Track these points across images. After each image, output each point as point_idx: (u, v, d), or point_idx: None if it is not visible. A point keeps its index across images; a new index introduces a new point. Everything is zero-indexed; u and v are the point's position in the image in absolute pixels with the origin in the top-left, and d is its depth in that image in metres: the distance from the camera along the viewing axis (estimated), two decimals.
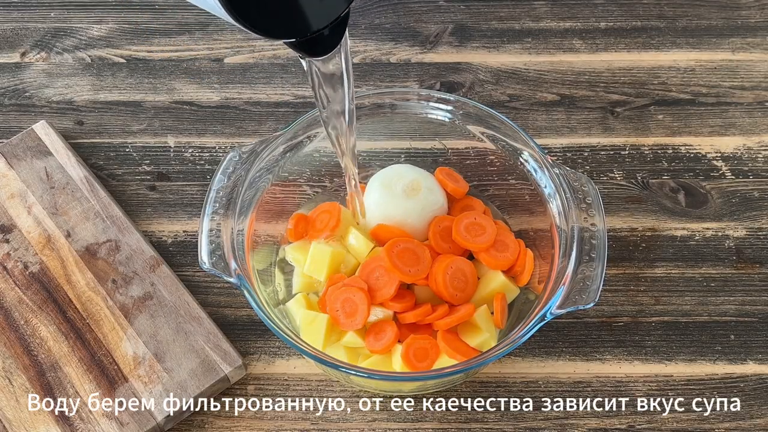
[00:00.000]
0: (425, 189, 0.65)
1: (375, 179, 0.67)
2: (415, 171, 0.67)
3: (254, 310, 0.57)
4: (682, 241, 0.73)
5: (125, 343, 0.65)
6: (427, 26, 0.88)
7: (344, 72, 0.52)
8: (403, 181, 0.66)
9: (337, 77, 0.53)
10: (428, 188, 0.66)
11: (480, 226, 0.64)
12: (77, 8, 0.89)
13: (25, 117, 0.81)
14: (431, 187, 0.66)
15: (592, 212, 0.61)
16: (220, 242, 0.59)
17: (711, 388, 0.65)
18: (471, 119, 0.67)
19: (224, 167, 0.63)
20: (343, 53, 0.51)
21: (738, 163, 0.77)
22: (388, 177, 0.66)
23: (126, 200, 0.75)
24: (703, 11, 0.88)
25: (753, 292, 0.70)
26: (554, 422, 0.64)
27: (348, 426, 0.64)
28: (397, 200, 0.65)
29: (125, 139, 0.80)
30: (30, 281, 0.68)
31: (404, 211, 0.64)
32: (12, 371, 0.64)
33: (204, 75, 0.84)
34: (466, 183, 0.69)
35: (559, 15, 0.88)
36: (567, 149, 0.78)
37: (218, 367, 0.64)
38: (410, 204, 0.65)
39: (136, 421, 0.62)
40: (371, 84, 0.83)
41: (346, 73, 0.52)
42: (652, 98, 0.82)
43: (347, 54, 0.51)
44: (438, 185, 0.67)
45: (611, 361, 0.67)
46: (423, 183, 0.66)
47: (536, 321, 0.56)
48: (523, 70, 0.84)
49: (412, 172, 0.67)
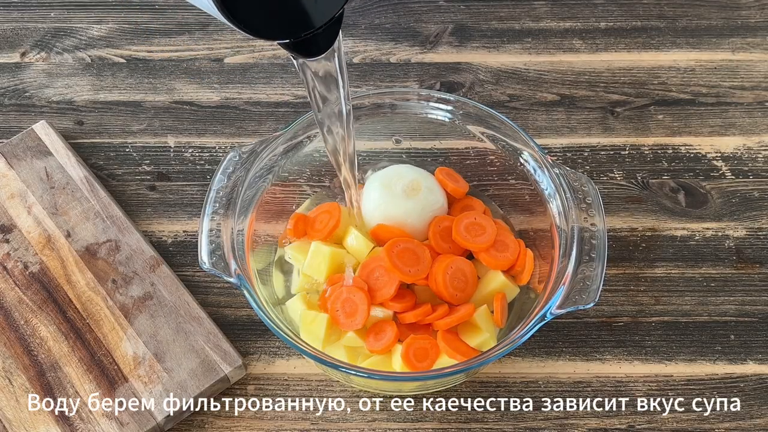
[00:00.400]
0: (425, 189, 0.65)
1: (374, 179, 0.67)
2: (415, 171, 0.67)
3: (254, 310, 0.57)
4: (682, 241, 0.73)
5: (125, 343, 0.65)
6: (427, 26, 0.88)
7: (339, 72, 0.52)
8: (403, 181, 0.66)
9: (332, 78, 0.52)
10: (428, 188, 0.66)
11: (480, 226, 0.64)
12: (77, 8, 0.89)
13: (25, 117, 0.81)
14: (431, 186, 0.66)
15: (592, 212, 0.61)
16: (220, 242, 0.59)
17: (711, 388, 0.65)
18: (471, 119, 0.67)
19: (224, 167, 0.63)
20: (336, 54, 0.50)
21: (738, 163, 0.77)
22: (387, 177, 0.66)
23: (126, 200, 0.75)
24: (703, 11, 0.88)
25: (753, 292, 0.70)
26: (554, 422, 0.64)
27: (348, 426, 0.64)
28: (397, 200, 0.65)
29: (125, 139, 0.80)
30: (30, 281, 0.68)
31: (404, 211, 0.64)
32: (12, 371, 0.64)
33: (204, 75, 0.84)
34: (466, 183, 0.69)
35: (559, 15, 0.88)
36: (567, 149, 0.78)
37: (218, 367, 0.64)
38: (410, 204, 0.65)
39: (136, 421, 0.62)
40: (371, 84, 0.83)
41: (340, 73, 0.52)
42: (652, 98, 0.82)
43: (341, 54, 0.51)
44: (438, 185, 0.67)
45: (611, 361, 0.67)
46: (423, 183, 0.66)
47: (536, 321, 0.56)
48: (523, 70, 0.84)
49: (411, 172, 0.67)
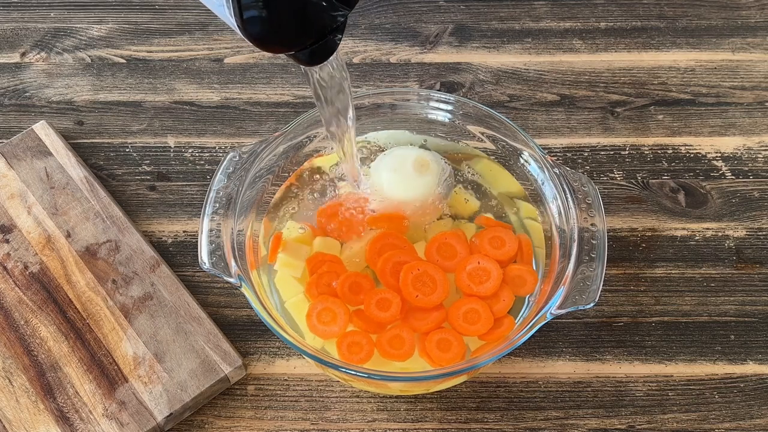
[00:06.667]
0: (432, 161, 0.65)
1: (381, 168, 0.66)
2: (412, 149, 0.67)
3: (254, 310, 0.57)
4: (682, 241, 0.73)
5: (125, 344, 0.65)
6: (427, 26, 0.88)
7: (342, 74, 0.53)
8: (409, 161, 0.65)
9: (337, 81, 0.53)
10: (433, 160, 0.66)
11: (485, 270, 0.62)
12: (77, 8, 0.89)
13: (25, 117, 0.81)
14: (433, 157, 0.66)
15: (592, 212, 0.61)
16: (220, 242, 0.59)
17: (711, 388, 0.65)
18: (471, 119, 0.67)
19: (224, 167, 0.63)
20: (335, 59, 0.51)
21: (738, 163, 0.77)
22: (393, 162, 0.66)
23: (126, 200, 0.75)
24: (703, 11, 0.88)
25: (753, 292, 0.70)
26: (554, 422, 0.64)
27: (348, 426, 0.64)
28: (411, 181, 0.65)
29: (125, 139, 0.80)
30: (30, 281, 0.68)
31: (424, 188, 0.64)
32: (12, 371, 0.64)
33: (204, 75, 0.84)
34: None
35: (559, 15, 0.88)
36: (567, 149, 0.78)
37: (218, 367, 0.64)
38: (427, 179, 0.64)
39: (136, 421, 0.62)
40: (371, 84, 0.83)
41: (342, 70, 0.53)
42: (652, 98, 0.82)
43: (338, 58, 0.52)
44: (435, 154, 0.67)
45: (611, 361, 0.67)
46: (426, 156, 0.66)
47: (536, 321, 0.56)
48: (523, 70, 0.84)
49: (411, 151, 0.67)
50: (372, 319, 0.60)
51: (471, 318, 0.60)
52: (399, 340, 0.60)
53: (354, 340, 0.59)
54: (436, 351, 0.59)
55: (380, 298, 0.60)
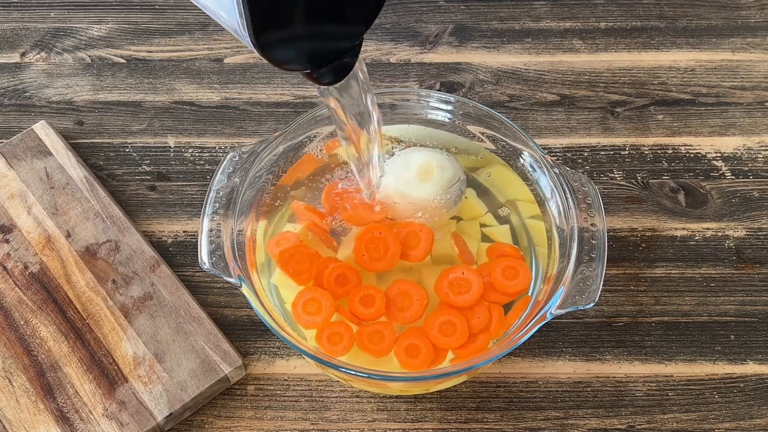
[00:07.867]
0: (437, 168, 0.64)
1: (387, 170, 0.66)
2: (423, 152, 0.66)
3: (254, 310, 0.57)
4: (682, 241, 0.73)
5: (125, 344, 0.65)
6: (427, 26, 0.88)
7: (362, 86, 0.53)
8: (413, 167, 0.64)
9: (357, 94, 0.53)
10: (440, 167, 0.64)
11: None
12: (77, 8, 0.89)
13: (25, 117, 0.81)
14: (443, 164, 0.64)
15: (592, 212, 0.61)
16: (220, 242, 0.59)
17: (711, 388, 0.65)
18: (471, 119, 0.67)
19: (224, 167, 0.63)
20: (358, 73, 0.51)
21: (738, 163, 0.77)
22: (398, 167, 0.65)
23: (126, 200, 0.75)
24: (703, 11, 0.88)
25: (753, 292, 0.70)
26: (554, 422, 0.64)
27: (348, 426, 0.64)
28: (413, 188, 0.63)
29: (125, 139, 0.80)
30: (30, 281, 0.68)
31: (424, 196, 0.63)
32: (12, 371, 0.64)
33: (204, 75, 0.84)
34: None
35: (559, 15, 0.88)
36: (567, 149, 0.78)
37: (218, 367, 0.64)
38: (428, 187, 0.63)
39: (136, 421, 0.62)
40: (371, 84, 0.83)
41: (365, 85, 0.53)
42: (652, 98, 0.82)
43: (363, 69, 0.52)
44: (450, 159, 0.65)
45: (611, 361, 0.67)
46: (433, 163, 0.65)
47: (536, 321, 0.56)
48: (523, 70, 0.84)
49: (420, 156, 0.65)
50: (355, 314, 0.60)
51: (446, 330, 0.59)
52: (379, 336, 0.59)
53: (334, 330, 0.59)
54: (403, 356, 0.59)
55: (364, 295, 0.60)
